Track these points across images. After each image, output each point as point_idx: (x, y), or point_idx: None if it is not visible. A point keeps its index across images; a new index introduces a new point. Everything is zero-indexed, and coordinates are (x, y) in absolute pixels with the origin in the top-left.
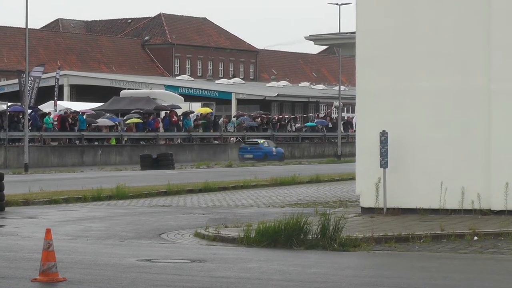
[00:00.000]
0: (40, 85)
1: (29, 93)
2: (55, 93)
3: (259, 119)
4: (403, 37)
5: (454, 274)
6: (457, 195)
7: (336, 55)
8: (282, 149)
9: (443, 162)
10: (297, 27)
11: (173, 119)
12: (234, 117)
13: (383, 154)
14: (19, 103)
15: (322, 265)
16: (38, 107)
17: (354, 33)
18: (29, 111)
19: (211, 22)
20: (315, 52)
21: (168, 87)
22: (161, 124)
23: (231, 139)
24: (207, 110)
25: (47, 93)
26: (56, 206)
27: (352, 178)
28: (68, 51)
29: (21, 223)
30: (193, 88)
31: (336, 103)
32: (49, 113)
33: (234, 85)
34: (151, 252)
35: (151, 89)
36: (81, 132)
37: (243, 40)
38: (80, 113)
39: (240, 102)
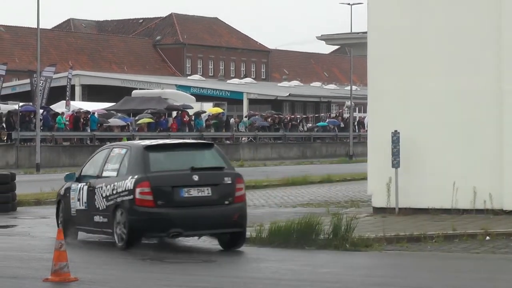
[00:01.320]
0: (52, 85)
1: (40, 93)
2: (67, 93)
3: (270, 119)
4: (414, 37)
5: (466, 274)
6: (469, 195)
7: (348, 55)
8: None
9: (455, 162)
10: (309, 27)
11: (185, 119)
12: (245, 117)
13: (395, 154)
14: (31, 103)
15: (334, 265)
16: (50, 107)
17: (365, 33)
18: (41, 111)
19: (222, 22)
20: (327, 52)
21: (180, 87)
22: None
23: (243, 139)
24: (218, 110)
25: (58, 93)
26: None
27: (363, 178)
28: (79, 51)
29: (32, 223)
30: (205, 88)
31: (348, 103)
32: (62, 113)
33: (245, 85)
34: (162, 252)
35: (162, 89)
36: (92, 132)
37: (254, 40)
38: (92, 113)
39: (251, 102)
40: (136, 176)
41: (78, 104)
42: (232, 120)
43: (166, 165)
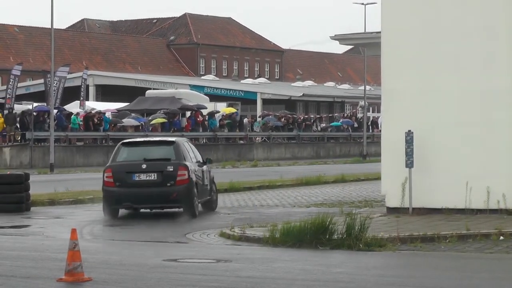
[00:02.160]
0: (66, 85)
1: (54, 93)
2: (82, 93)
3: (284, 119)
4: (428, 37)
5: (480, 274)
6: (482, 195)
7: (362, 55)
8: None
9: (469, 162)
10: (322, 27)
11: (198, 119)
12: (259, 117)
13: (409, 153)
14: (45, 103)
15: (348, 265)
16: (64, 107)
17: (379, 32)
18: (55, 111)
19: (236, 22)
20: (340, 52)
21: (194, 87)
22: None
23: (257, 139)
24: (232, 110)
25: (72, 93)
26: (81, 206)
27: (377, 178)
28: (93, 51)
29: (46, 223)
30: (219, 88)
31: (362, 102)
32: (77, 113)
33: (259, 85)
34: (176, 252)
35: (176, 89)
36: (106, 132)
37: (268, 40)
38: (105, 113)
39: (265, 102)
40: (106, 165)
41: (92, 104)
42: (245, 120)
43: (128, 157)
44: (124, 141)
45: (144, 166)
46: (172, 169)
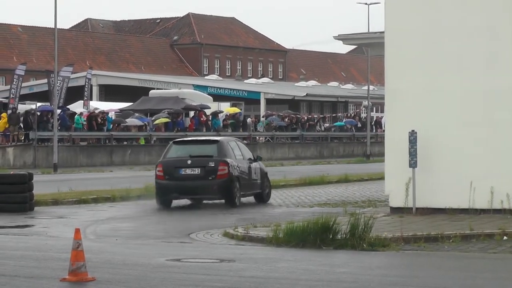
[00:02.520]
0: (69, 85)
1: (58, 93)
2: (86, 93)
3: (287, 118)
4: (431, 37)
5: (484, 274)
6: (486, 195)
7: (365, 55)
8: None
9: (472, 162)
10: (326, 27)
11: (202, 119)
12: (263, 117)
13: (412, 153)
14: (48, 103)
15: (351, 265)
16: (67, 107)
17: (382, 32)
18: (58, 111)
19: (239, 22)
20: (344, 52)
21: (197, 87)
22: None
23: (260, 139)
24: (235, 110)
25: (76, 93)
26: (85, 206)
27: (381, 177)
28: (96, 51)
29: (50, 223)
30: (222, 88)
31: (365, 102)
32: (81, 113)
33: (263, 85)
34: (180, 252)
35: (180, 89)
36: (110, 132)
37: (271, 40)
38: (108, 113)
39: (269, 102)
40: (158, 161)
41: (96, 104)
42: (249, 120)
43: (177, 154)
44: (175, 140)
45: (189, 162)
46: (213, 165)
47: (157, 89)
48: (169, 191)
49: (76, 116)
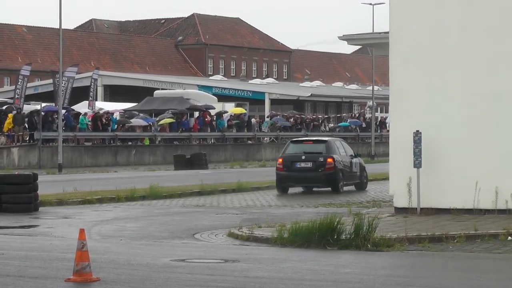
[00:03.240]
0: (74, 85)
1: (63, 93)
2: (91, 93)
3: (292, 119)
4: (436, 37)
5: (488, 274)
6: (490, 195)
7: (370, 55)
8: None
9: (477, 162)
10: (330, 27)
11: (206, 119)
12: (267, 117)
13: (417, 154)
14: (53, 103)
15: (356, 265)
16: (72, 107)
17: (387, 32)
18: (63, 111)
19: (244, 22)
20: (349, 52)
21: (202, 87)
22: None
23: (265, 139)
24: (240, 110)
25: (80, 93)
26: (89, 206)
27: (385, 178)
28: (101, 52)
29: (55, 223)
30: (227, 88)
31: (370, 103)
32: (85, 114)
33: (267, 85)
34: (184, 252)
35: (184, 89)
36: (114, 132)
37: (276, 40)
38: (113, 113)
39: (273, 102)
40: (279, 155)
41: (100, 104)
42: (253, 120)
43: (294, 150)
44: (292, 139)
45: (303, 157)
46: (322, 160)
47: (162, 89)
48: (287, 180)
49: (80, 116)
